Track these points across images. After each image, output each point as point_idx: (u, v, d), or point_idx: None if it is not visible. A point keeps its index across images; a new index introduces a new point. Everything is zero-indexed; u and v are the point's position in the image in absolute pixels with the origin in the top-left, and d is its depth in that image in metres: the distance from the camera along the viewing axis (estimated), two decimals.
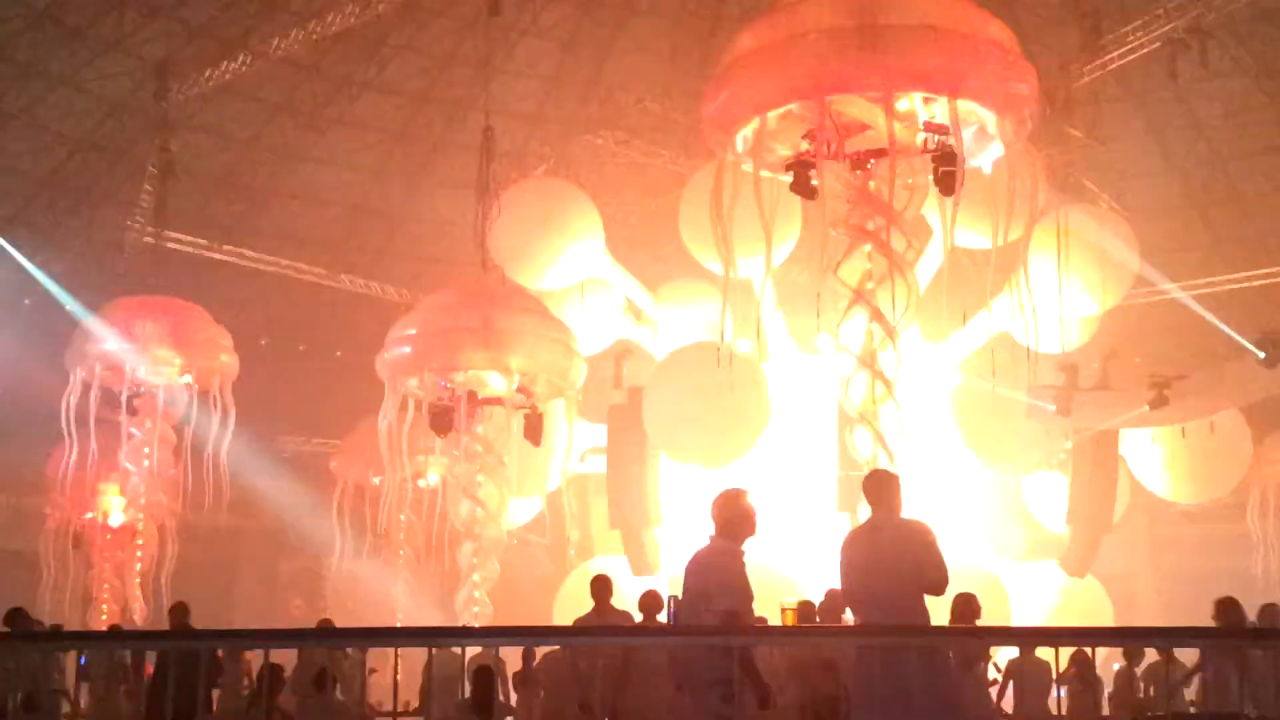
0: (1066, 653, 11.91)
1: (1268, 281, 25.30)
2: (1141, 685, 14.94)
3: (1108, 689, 15.12)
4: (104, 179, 28.24)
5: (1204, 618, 11.64)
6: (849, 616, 9.38)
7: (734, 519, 8.83)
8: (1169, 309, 25.59)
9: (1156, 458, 21.71)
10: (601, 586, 12.50)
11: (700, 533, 9.11)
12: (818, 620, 12.08)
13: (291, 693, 14.14)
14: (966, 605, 11.48)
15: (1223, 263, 26.73)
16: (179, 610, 14.79)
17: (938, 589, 8.99)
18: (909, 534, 9.02)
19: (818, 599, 12.52)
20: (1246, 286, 25.54)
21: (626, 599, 13.10)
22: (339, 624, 15.97)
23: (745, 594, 8.65)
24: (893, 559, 8.82)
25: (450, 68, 29.07)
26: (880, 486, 9.17)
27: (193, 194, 27.80)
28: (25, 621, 13.66)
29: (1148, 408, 18.76)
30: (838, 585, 9.61)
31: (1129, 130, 27.53)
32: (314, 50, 26.94)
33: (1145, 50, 24.33)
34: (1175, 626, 9.97)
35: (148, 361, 23.65)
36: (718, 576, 8.70)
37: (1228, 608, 12.00)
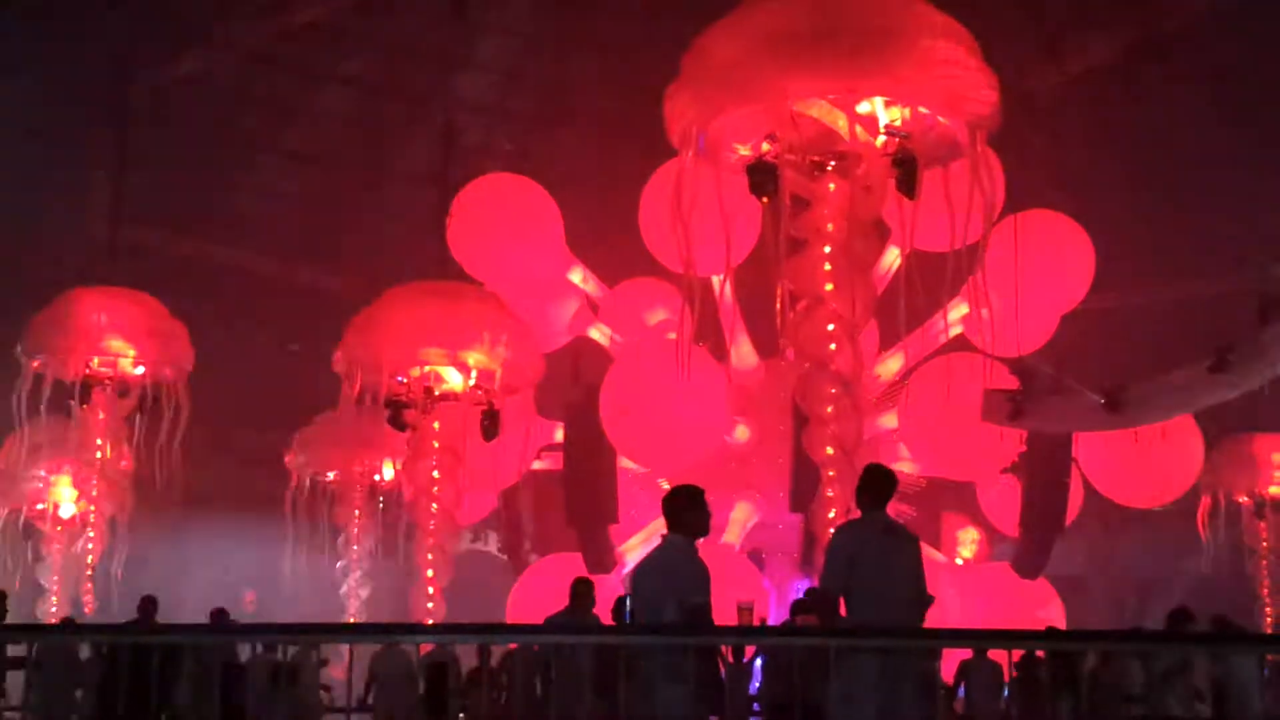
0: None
1: (1220, 290, 25.54)
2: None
3: None
4: (59, 169, 27.95)
5: (1154, 622, 11.78)
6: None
7: (687, 516, 8.81)
8: (1124, 314, 25.82)
9: (1109, 462, 21.88)
10: (582, 590, 12.42)
11: (656, 532, 9.13)
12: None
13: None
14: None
15: (1176, 271, 26.97)
16: (147, 604, 14.70)
17: (927, 606, 9.00)
18: (916, 545, 8.94)
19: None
20: (1199, 295, 25.78)
21: None
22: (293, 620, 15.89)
23: (708, 589, 8.62)
24: (904, 568, 8.74)
25: (411, 61, 28.97)
26: (885, 483, 9.01)
27: (149, 186, 27.56)
28: None
29: (1101, 412, 18.88)
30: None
31: (1087, 137, 27.75)
32: (275, 42, 26.79)
33: (1105, 58, 24.54)
34: (1123, 630, 10.07)
35: (101, 353, 23.49)
36: (682, 572, 8.66)
37: None
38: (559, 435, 22.92)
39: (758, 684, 15.01)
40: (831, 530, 12.83)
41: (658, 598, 8.60)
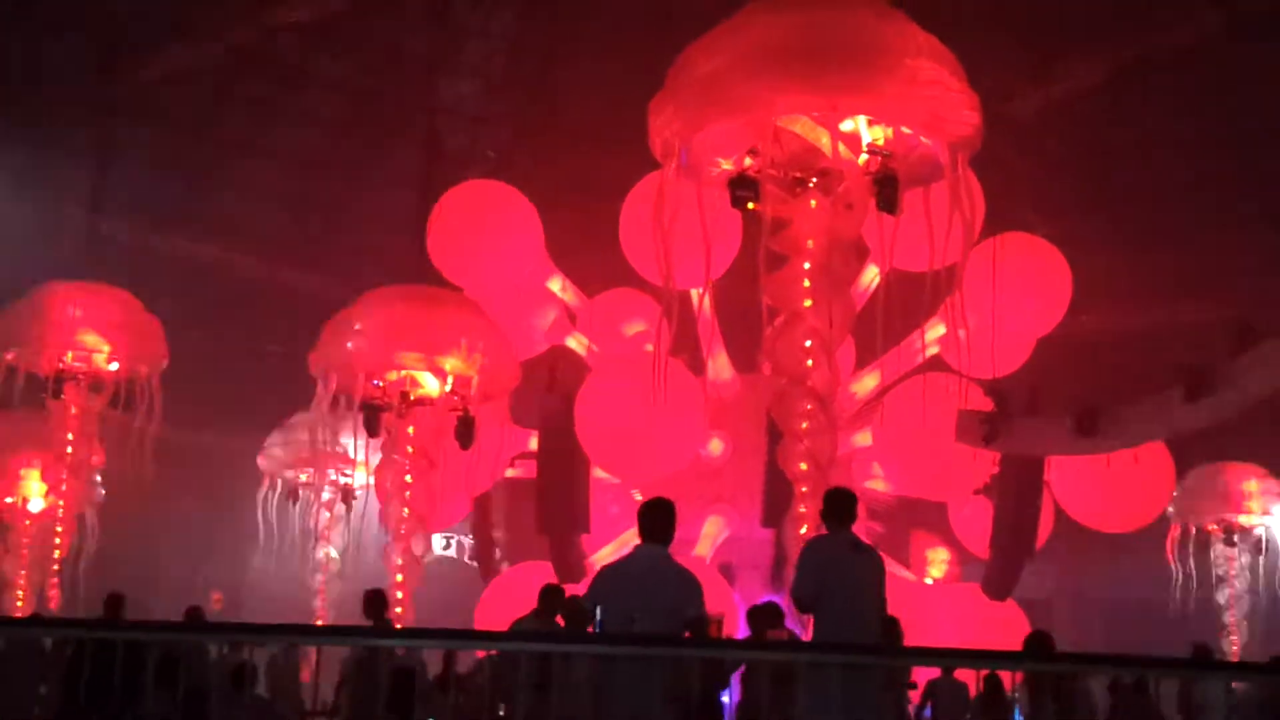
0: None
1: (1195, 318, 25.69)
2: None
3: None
4: (42, 160, 27.84)
5: (1120, 646, 11.80)
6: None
7: (670, 530, 8.85)
8: (1099, 339, 25.92)
9: (1080, 486, 21.93)
10: (550, 597, 12.38)
11: (628, 541, 9.12)
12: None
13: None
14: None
15: (1153, 297, 27.08)
16: (113, 601, 14.61)
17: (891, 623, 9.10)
18: (880, 563, 9.10)
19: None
20: (1174, 322, 25.90)
21: None
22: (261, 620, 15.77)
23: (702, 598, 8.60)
24: (871, 584, 8.86)
25: (398, 65, 28.97)
26: (850, 504, 9.17)
27: (131, 180, 27.45)
28: None
29: (1074, 436, 18.94)
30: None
31: (1068, 160, 27.88)
32: (262, 40, 26.74)
33: (1088, 82, 24.63)
34: (1089, 653, 10.10)
35: (75, 347, 23.37)
36: (682, 583, 8.61)
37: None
38: (533, 443, 22.87)
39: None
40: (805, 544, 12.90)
41: (649, 608, 8.49)
